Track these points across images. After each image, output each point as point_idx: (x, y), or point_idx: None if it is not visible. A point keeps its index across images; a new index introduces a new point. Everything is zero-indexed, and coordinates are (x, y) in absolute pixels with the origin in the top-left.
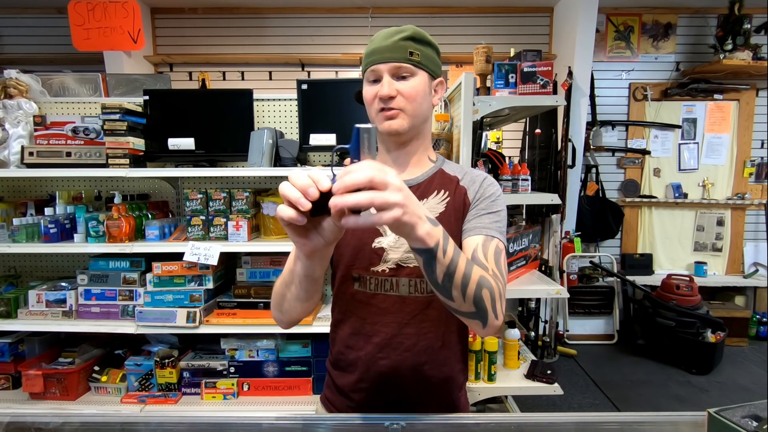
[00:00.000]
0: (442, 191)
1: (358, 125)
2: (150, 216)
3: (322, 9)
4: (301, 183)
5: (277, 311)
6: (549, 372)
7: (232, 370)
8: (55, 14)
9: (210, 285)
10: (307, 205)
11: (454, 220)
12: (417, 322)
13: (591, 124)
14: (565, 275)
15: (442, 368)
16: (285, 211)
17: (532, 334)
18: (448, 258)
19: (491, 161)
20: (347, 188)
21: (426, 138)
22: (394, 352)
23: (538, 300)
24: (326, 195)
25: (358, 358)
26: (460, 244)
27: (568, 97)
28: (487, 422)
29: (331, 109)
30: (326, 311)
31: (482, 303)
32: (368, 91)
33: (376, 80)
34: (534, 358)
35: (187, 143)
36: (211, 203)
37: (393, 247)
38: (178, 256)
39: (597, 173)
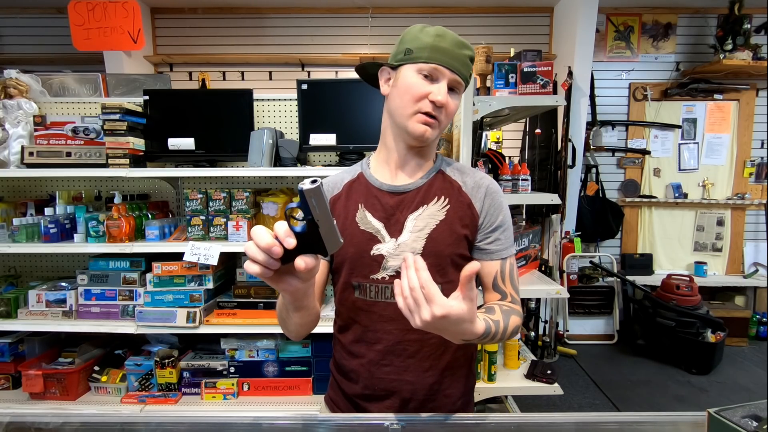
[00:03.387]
0: (443, 198)
1: (301, 186)
2: (150, 216)
3: (322, 9)
4: (265, 243)
5: (285, 329)
6: (549, 372)
7: (232, 370)
8: (55, 14)
9: (210, 285)
10: (274, 265)
11: (456, 227)
12: (420, 329)
13: (591, 124)
14: (565, 275)
15: (446, 374)
16: (251, 268)
17: (532, 334)
18: (488, 337)
19: (491, 161)
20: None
21: (434, 145)
22: (398, 358)
23: (538, 300)
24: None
25: (360, 365)
26: (464, 248)
27: (568, 97)
28: (487, 422)
29: (331, 109)
30: (326, 311)
31: (509, 337)
32: (416, 84)
33: (430, 78)
34: (534, 358)
35: (187, 143)
36: (211, 203)
37: (392, 254)
38: (178, 256)
39: (597, 173)
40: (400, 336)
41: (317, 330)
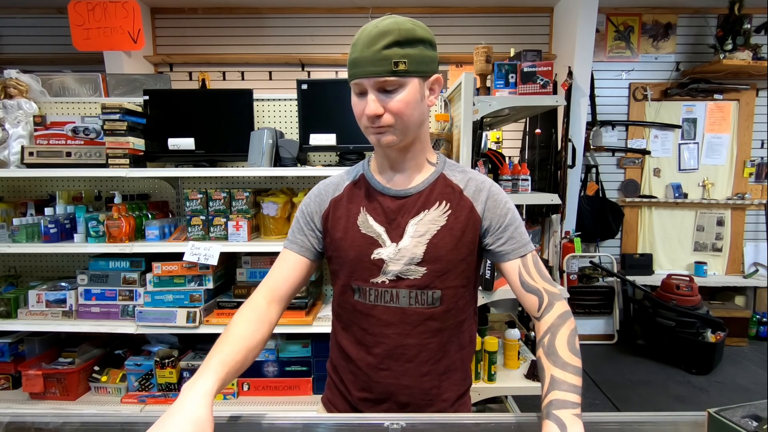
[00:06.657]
0: (444, 202)
1: None
2: (150, 216)
3: (322, 9)
4: None
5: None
6: None
7: None
8: (55, 14)
9: (210, 285)
10: None
11: (457, 233)
12: (418, 333)
13: (591, 124)
14: (565, 275)
15: (444, 378)
16: None
17: (532, 334)
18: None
19: (491, 161)
20: None
21: (424, 141)
22: (396, 363)
23: None
24: None
25: (358, 369)
26: (466, 253)
27: (568, 97)
28: (487, 422)
29: (331, 109)
30: (326, 311)
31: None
32: (356, 104)
33: (362, 93)
34: (534, 358)
35: (187, 143)
36: (211, 203)
37: (393, 258)
38: (178, 256)
39: (597, 173)
40: (399, 340)
41: (318, 329)
